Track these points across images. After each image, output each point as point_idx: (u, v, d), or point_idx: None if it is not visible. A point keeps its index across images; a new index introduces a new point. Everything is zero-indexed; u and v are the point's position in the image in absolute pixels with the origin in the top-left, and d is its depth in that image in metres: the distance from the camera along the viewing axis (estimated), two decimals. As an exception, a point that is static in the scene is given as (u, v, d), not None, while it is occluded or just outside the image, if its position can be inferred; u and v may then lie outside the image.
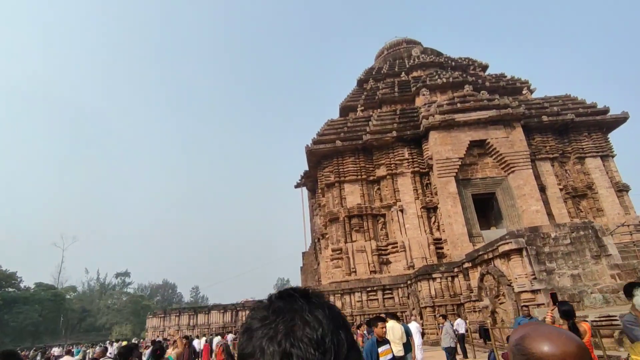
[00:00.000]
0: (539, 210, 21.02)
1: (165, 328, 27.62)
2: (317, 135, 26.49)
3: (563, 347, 0.94)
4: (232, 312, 27.45)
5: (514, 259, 9.81)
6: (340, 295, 19.85)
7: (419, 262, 21.74)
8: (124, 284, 76.43)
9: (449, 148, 22.74)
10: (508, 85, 28.61)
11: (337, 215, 24.19)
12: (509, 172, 22.38)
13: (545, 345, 0.96)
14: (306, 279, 30.22)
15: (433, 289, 15.41)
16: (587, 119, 24.50)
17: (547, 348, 0.95)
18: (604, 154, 24.21)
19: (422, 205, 23.21)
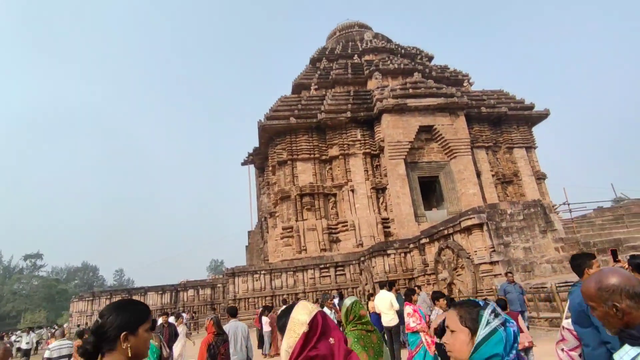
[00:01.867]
0: (476, 193, 22.93)
1: (94, 312, 25.22)
2: (271, 111, 25.66)
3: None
4: (171, 293, 25.96)
5: (475, 233, 10.59)
6: (293, 273, 19.84)
7: (367, 240, 22.53)
8: (34, 267, 67.96)
9: (400, 131, 23.59)
10: (451, 76, 30.34)
11: (288, 193, 23.91)
12: (451, 157, 23.98)
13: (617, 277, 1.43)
14: (251, 258, 29.68)
15: (387, 264, 16.10)
16: (516, 113, 27.12)
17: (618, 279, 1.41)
18: (528, 146, 27.14)
19: (372, 186, 23.93)
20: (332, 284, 19.23)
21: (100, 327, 1.40)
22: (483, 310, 1.38)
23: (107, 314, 1.44)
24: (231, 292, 19.23)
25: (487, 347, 1.32)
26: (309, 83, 29.66)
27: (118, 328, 1.39)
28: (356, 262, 19.82)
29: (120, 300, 1.60)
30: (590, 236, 10.33)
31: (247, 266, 22.28)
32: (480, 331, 1.34)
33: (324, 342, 1.45)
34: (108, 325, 1.40)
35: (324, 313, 1.54)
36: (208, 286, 26.04)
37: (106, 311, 1.46)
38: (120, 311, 1.44)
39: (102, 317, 1.44)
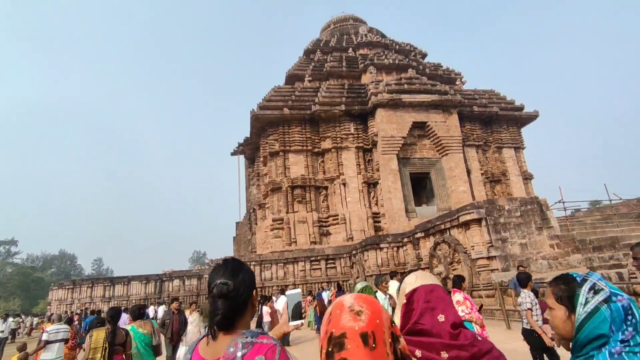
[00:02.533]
0: (466, 191, 23.23)
1: (75, 300, 24.47)
2: (264, 101, 25.26)
3: None
4: (156, 283, 25.38)
5: (473, 228, 10.67)
6: (283, 265, 19.68)
7: (358, 234, 22.56)
8: (8, 254, 65.56)
9: (394, 127, 23.61)
10: (444, 74, 30.53)
11: (280, 185, 23.66)
12: (443, 154, 24.18)
13: None
14: (239, 249, 29.35)
15: (380, 258, 16.14)
16: (507, 114, 27.54)
17: None
18: (517, 146, 27.63)
19: (363, 180, 23.92)
20: (323, 276, 19.18)
21: (235, 290, 1.29)
22: (580, 287, 1.28)
23: (233, 276, 1.32)
24: (220, 283, 18.92)
25: (589, 327, 1.22)
26: (303, 74, 29.34)
27: (249, 288, 1.33)
28: (347, 255, 19.81)
29: (230, 260, 1.45)
30: (586, 234, 10.57)
31: (236, 257, 21.97)
32: (579, 310, 1.24)
33: (429, 317, 1.34)
34: (241, 288, 1.30)
35: (434, 287, 1.41)
36: (194, 277, 25.57)
37: (230, 274, 1.33)
38: (245, 272, 1.36)
39: (228, 279, 1.31)
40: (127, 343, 4.21)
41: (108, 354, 3.91)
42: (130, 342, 4.37)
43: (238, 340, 1.19)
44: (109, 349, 3.95)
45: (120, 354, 4.10)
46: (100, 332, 4.04)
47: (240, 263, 1.42)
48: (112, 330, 4.11)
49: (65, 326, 6.71)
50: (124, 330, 4.27)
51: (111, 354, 3.95)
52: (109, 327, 4.14)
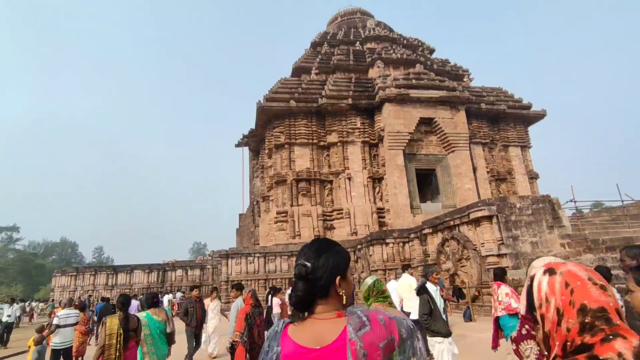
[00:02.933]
0: (471, 188, 23.14)
1: (78, 287, 24.57)
2: (270, 93, 25.09)
3: None
4: (158, 272, 25.49)
5: (484, 225, 10.59)
6: (287, 257, 19.69)
7: (362, 229, 22.53)
8: (10, 240, 65.85)
9: (401, 122, 23.45)
10: (452, 70, 30.26)
11: (284, 177, 23.58)
12: (449, 151, 24.04)
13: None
14: (242, 241, 29.35)
15: (385, 253, 16.09)
16: (514, 112, 27.33)
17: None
18: (523, 145, 27.46)
19: (369, 175, 23.82)
20: (327, 270, 19.14)
21: (313, 273, 1.23)
22: None
23: (315, 257, 1.26)
24: (224, 274, 18.95)
25: None
26: (310, 67, 29.10)
27: (332, 273, 1.24)
28: (352, 249, 19.75)
29: (318, 240, 1.38)
30: (597, 234, 10.50)
31: (241, 248, 21.98)
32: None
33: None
34: (321, 271, 1.23)
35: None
36: (197, 267, 25.66)
37: (312, 255, 1.27)
38: (330, 255, 1.27)
39: (309, 260, 1.25)
40: (138, 329, 4.22)
41: (123, 339, 3.93)
42: (141, 328, 4.39)
43: (350, 319, 1.14)
44: (124, 335, 3.96)
45: (133, 340, 4.12)
46: (114, 319, 4.04)
47: (327, 244, 1.34)
48: (125, 317, 4.11)
49: (76, 311, 6.81)
50: (135, 317, 4.28)
51: (126, 339, 3.97)
52: (121, 313, 4.14)
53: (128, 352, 4.05)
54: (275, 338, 1.21)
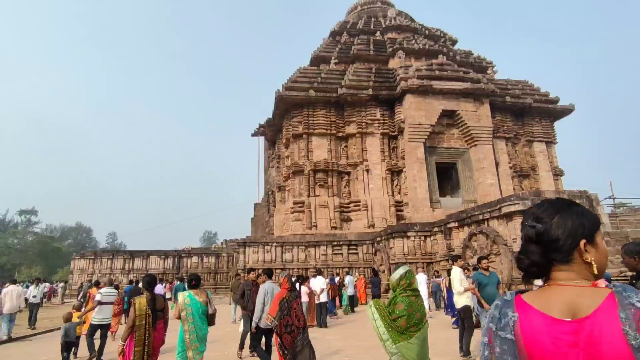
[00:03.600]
0: (494, 184, 22.51)
1: (95, 271, 24.90)
2: (289, 82, 24.75)
3: None
4: (174, 259, 25.66)
5: (517, 219, 10.16)
6: (305, 247, 19.50)
7: (379, 222, 22.19)
8: (29, 223, 67.50)
9: (422, 114, 22.89)
10: (475, 62, 29.37)
11: (302, 167, 23.32)
12: (471, 145, 23.40)
13: None
14: (256, 230, 29.35)
15: (406, 246, 15.75)
16: (540, 106, 26.43)
17: None
18: (548, 140, 26.58)
19: (387, 167, 23.39)
20: (344, 262, 18.95)
21: (546, 234, 1.03)
22: None
23: (548, 217, 1.05)
24: (241, 262, 18.89)
25: None
26: (329, 56, 28.62)
27: (573, 234, 1.02)
28: (370, 242, 19.49)
29: (555, 200, 1.10)
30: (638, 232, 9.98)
31: (258, 237, 21.89)
32: None
33: None
34: (558, 231, 1.02)
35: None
36: (212, 254, 25.75)
37: (544, 215, 1.06)
38: (568, 214, 1.04)
39: (540, 221, 1.05)
40: (165, 308, 4.28)
41: (152, 319, 3.94)
42: (168, 308, 4.44)
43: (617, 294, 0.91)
44: (152, 315, 3.98)
45: (161, 320, 4.14)
46: (142, 299, 4.04)
47: (563, 203, 1.09)
48: (152, 297, 4.12)
49: (115, 291, 7.18)
50: (162, 297, 4.33)
51: (154, 319, 3.98)
52: (148, 294, 4.12)
53: (156, 333, 4.06)
54: (507, 305, 1.03)
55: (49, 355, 7.32)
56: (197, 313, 4.52)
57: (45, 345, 8.64)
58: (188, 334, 4.40)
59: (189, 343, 4.40)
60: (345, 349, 7.17)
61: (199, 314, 4.53)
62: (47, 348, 8.23)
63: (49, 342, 8.94)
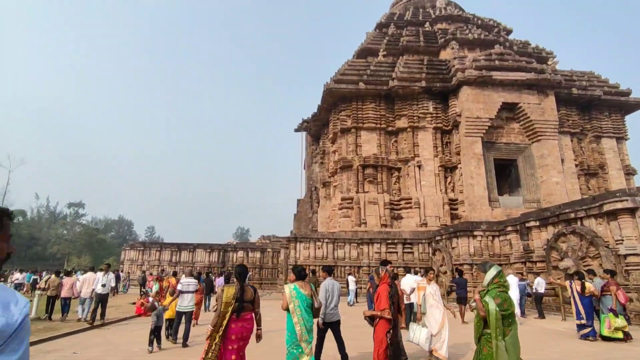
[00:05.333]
0: (559, 182, 20.80)
1: (144, 262, 25.43)
2: (338, 74, 24.10)
3: None
4: (219, 252, 25.74)
5: (623, 218, 8.93)
6: (357, 245, 18.78)
7: (432, 220, 21.11)
8: (76, 215, 71.18)
9: (481, 107, 21.52)
10: (534, 53, 27.39)
11: (350, 162, 22.62)
12: (534, 140, 21.75)
13: None
14: (299, 227, 28.98)
15: (472, 246, 14.67)
16: (610, 99, 24.23)
17: None
18: (619, 136, 24.33)
19: (440, 163, 22.24)
20: (399, 261, 18.04)
21: None
22: None
23: None
24: (292, 257, 18.47)
25: None
26: (377, 49, 27.71)
27: None
28: (426, 241, 18.47)
29: None
30: None
31: (310, 233, 21.46)
32: None
33: None
34: None
35: None
36: (258, 249, 25.60)
37: None
38: None
39: None
40: (255, 300, 4.19)
41: (237, 309, 3.98)
42: (259, 299, 4.33)
43: None
44: (239, 305, 4.01)
45: (250, 312, 4.13)
46: (231, 289, 4.08)
47: None
48: (241, 287, 4.10)
49: (195, 280, 7.51)
50: (252, 288, 4.28)
51: (240, 310, 3.99)
52: (238, 284, 4.13)
53: (244, 322, 4.05)
54: None
55: (139, 343, 7.08)
56: (303, 306, 4.60)
57: (127, 334, 8.49)
58: (299, 326, 4.50)
59: (300, 335, 4.48)
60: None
61: (305, 307, 4.61)
62: (129, 337, 8.05)
63: (126, 330, 8.85)
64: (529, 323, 9.73)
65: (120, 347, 6.90)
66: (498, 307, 3.43)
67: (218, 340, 3.99)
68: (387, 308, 4.38)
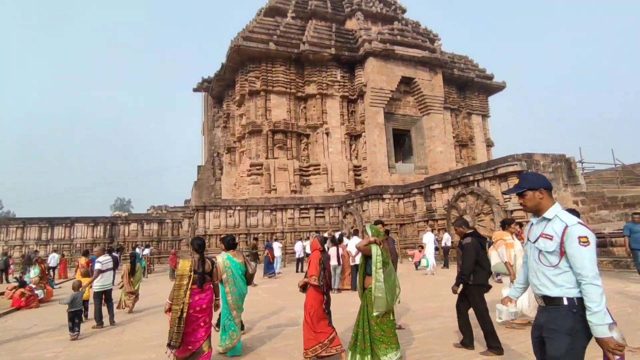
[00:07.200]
0: (443, 151, 23.96)
1: (1, 242, 20.51)
2: (247, 31, 22.44)
3: None
4: (105, 226, 22.38)
5: (512, 180, 10.83)
6: (270, 211, 18.57)
7: (339, 186, 22.18)
8: None
9: (384, 79, 22.92)
10: (424, 33, 30.17)
11: (260, 127, 21.84)
12: (425, 113, 24.37)
13: None
14: (200, 195, 27.07)
15: (382, 208, 15.97)
16: (480, 81, 28.55)
17: None
18: (484, 114, 29.09)
19: (346, 131, 23.22)
20: (312, 225, 18.60)
21: None
22: None
23: None
24: (200, 227, 17.24)
25: None
26: (285, 9, 26.58)
27: None
28: (336, 205, 19.38)
29: None
30: (615, 191, 11.49)
31: (220, 200, 20.13)
32: None
33: None
34: None
35: None
36: (154, 221, 23.08)
37: None
38: None
39: None
40: (213, 272, 4.22)
41: (197, 280, 3.98)
42: (217, 271, 4.41)
43: None
44: (199, 277, 4.00)
45: (209, 282, 4.14)
46: (185, 262, 4.06)
47: None
48: (201, 259, 4.09)
49: (110, 257, 7.14)
50: (210, 260, 4.29)
51: (202, 281, 4.00)
52: (197, 255, 4.13)
53: (204, 294, 4.03)
54: None
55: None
56: (238, 273, 4.67)
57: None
58: (230, 295, 4.58)
59: (232, 303, 4.57)
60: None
61: (240, 275, 4.69)
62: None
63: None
64: (437, 272, 11.22)
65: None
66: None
67: (182, 314, 3.85)
68: (315, 275, 4.40)
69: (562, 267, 1.92)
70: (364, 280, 3.92)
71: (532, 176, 2.09)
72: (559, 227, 1.92)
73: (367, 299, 3.78)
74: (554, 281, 1.93)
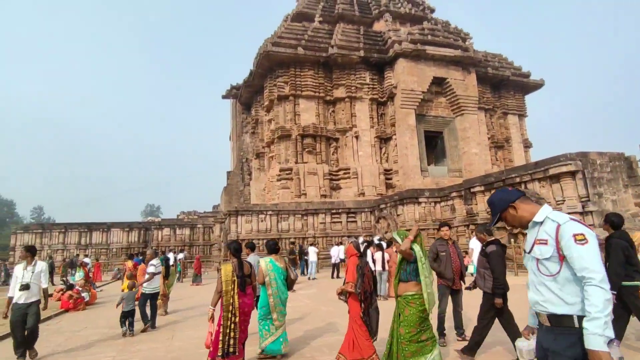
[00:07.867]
0: (478, 153, 22.98)
1: (45, 247, 21.36)
2: (275, 37, 22.51)
3: None
4: (139, 231, 22.90)
5: (566, 181, 10.04)
6: (301, 216, 18.34)
7: (369, 190, 21.67)
8: None
9: (415, 79, 22.33)
10: (454, 32, 29.29)
11: (289, 132, 21.75)
12: (458, 114, 23.50)
13: None
14: (230, 200, 27.29)
15: (418, 212, 15.36)
16: (516, 80, 27.31)
17: None
18: (520, 113, 27.77)
19: (376, 134, 22.74)
20: (343, 230, 18.20)
21: None
22: None
23: None
24: (233, 232, 17.22)
25: None
26: (312, 14, 26.56)
27: None
28: (368, 209, 18.90)
29: None
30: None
31: (252, 205, 20.15)
32: None
33: None
34: None
35: None
36: (186, 226, 23.42)
37: None
38: None
39: None
40: (252, 274, 4.30)
41: (240, 284, 4.03)
42: (255, 274, 4.46)
43: None
44: (239, 281, 4.05)
45: (249, 285, 4.21)
46: (227, 266, 4.11)
47: None
48: (239, 263, 4.15)
49: (159, 261, 7.33)
50: (248, 263, 4.36)
51: (243, 284, 4.06)
52: (234, 260, 4.18)
53: (246, 298, 4.07)
54: None
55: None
56: (280, 278, 4.72)
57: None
58: (272, 298, 4.60)
59: (273, 306, 4.59)
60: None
61: (282, 280, 4.74)
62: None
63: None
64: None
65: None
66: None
67: (234, 319, 3.90)
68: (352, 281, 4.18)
69: (565, 276, 1.62)
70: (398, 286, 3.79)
71: (496, 198, 1.93)
72: (551, 228, 1.70)
73: (401, 307, 3.67)
74: (561, 296, 1.61)
